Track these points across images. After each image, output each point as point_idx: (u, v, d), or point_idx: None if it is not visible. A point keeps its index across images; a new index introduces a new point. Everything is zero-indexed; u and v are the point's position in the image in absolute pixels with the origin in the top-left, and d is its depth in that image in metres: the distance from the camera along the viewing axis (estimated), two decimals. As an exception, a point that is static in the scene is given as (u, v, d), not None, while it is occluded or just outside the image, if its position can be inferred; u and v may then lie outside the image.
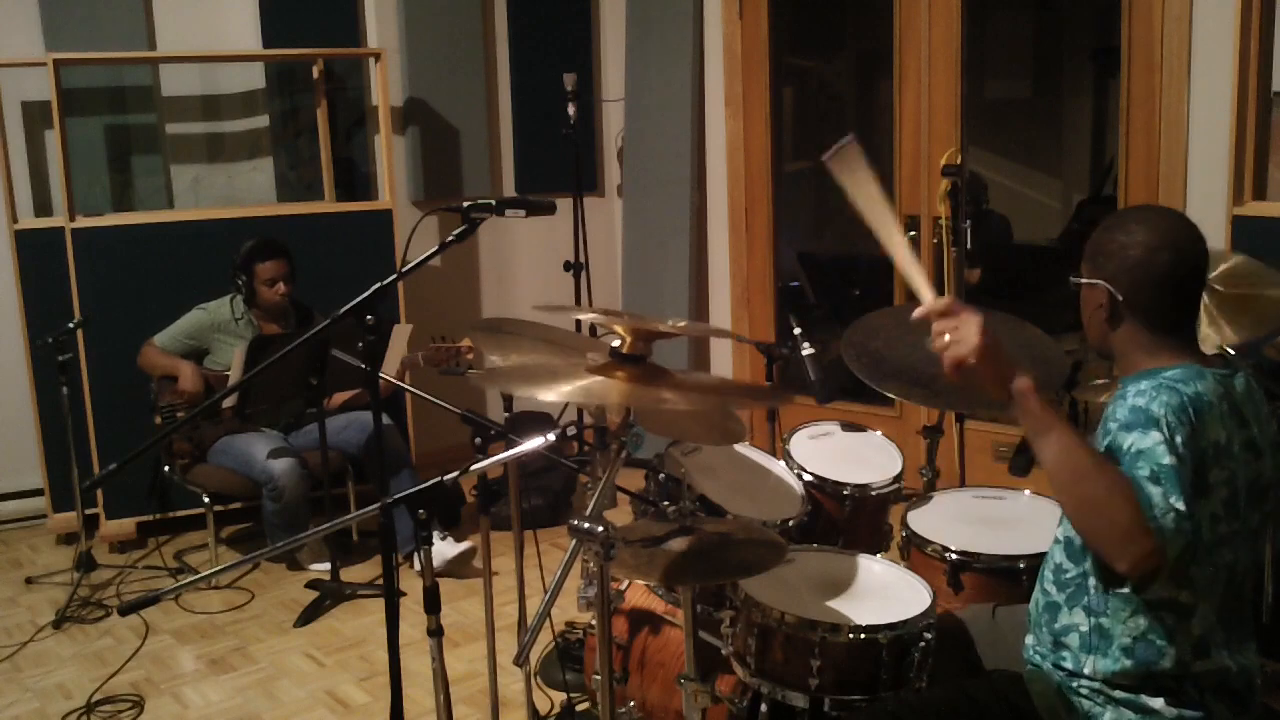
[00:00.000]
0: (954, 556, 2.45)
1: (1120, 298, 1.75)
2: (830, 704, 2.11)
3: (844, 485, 2.74)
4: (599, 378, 1.83)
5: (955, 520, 2.62)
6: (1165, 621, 1.71)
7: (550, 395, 1.75)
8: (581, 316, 3.53)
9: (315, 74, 4.84)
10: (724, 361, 5.42)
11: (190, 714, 3.17)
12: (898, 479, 2.82)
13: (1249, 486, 1.73)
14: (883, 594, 2.27)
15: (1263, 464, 1.75)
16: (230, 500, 4.26)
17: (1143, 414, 1.64)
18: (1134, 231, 1.77)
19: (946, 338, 1.66)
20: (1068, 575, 1.83)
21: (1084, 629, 1.78)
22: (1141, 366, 1.78)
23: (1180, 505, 1.57)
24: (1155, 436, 1.61)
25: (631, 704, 2.43)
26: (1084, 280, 1.80)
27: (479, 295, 5.44)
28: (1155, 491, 1.57)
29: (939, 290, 1.76)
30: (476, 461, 2.07)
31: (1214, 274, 2.94)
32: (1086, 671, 1.78)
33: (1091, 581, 1.78)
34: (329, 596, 3.85)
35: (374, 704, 3.18)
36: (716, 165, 5.23)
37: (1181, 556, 1.62)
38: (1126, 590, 1.73)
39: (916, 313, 1.71)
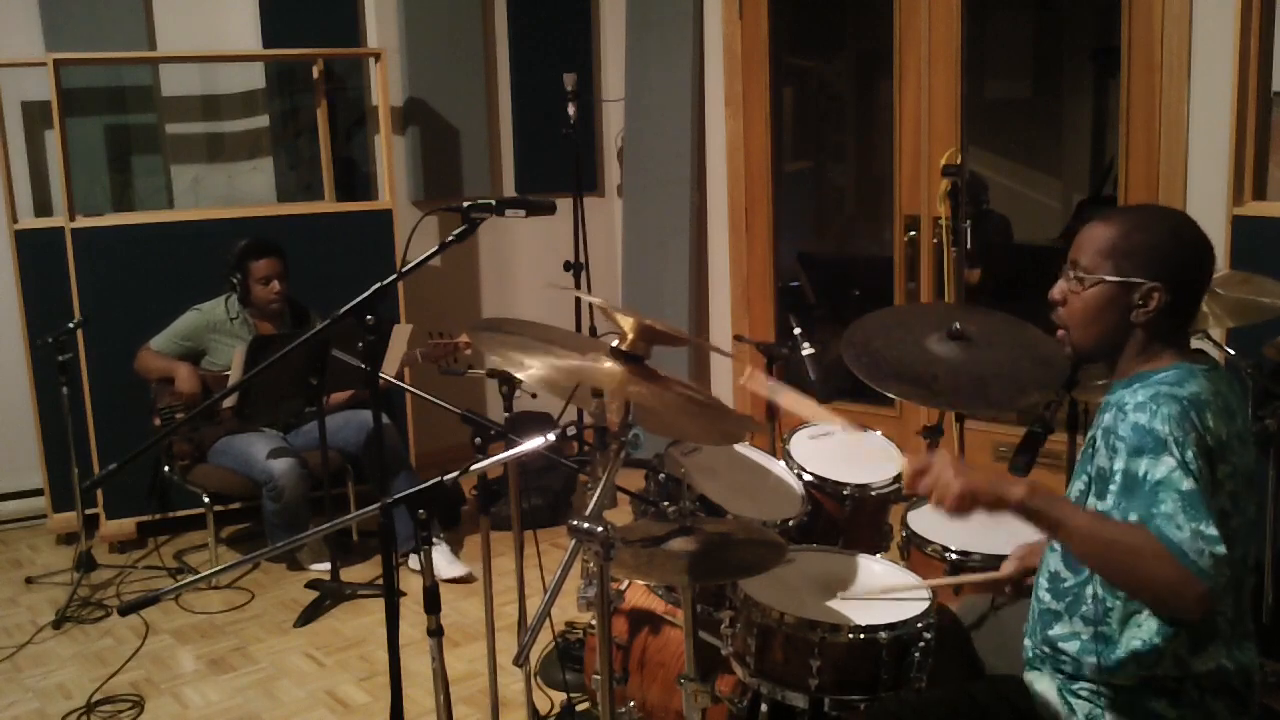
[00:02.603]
0: (954, 556, 2.45)
1: (1169, 299, 1.75)
2: (830, 704, 2.11)
3: (844, 485, 2.74)
4: (593, 367, 1.83)
5: (955, 520, 2.61)
6: (1163, 620, 1.71)
7: (541, 370, 1.76)
8: (586, 298, 3.48)
9: (315, 74, 4.84)
10: (725, 361, 5.41)
11: (190, 714, 3.17)
12: (898, 479, 2.82)
13: (1244, 478, 1.74)
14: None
15: (1249, 453, 1.76)
16: (230, 500, 4.26)
17: (1149, 436, 1.64)
18: (1175, 233, 1.77)
19: (933, 496, 1.70)
20: (1066, 584, 1.83)
21: (1084, 636, 1.78)
22: (1137, 369, 1.78)
23: (1211, 531, 1.56)
24: (1168, 461, 1.61)
25: (631, 704, 2.43)
26: (1121, 279, 1.76)
27: (479, 295, 5.44)
28: (1184, 538, 1.56)
29: (939, 293, 1.78)
30: (476, 461, 2.07)
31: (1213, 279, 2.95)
32: (1087, 675, 1.78)
33: (1092, 590, 1.78)
34: (329, 596, 3.85)
35: (374, 704, 3.18)
36: (716, 165, 5.23)
37: None
38: (1124, 599, 1.73)
39: (905, 489, 1.80)
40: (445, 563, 3.96)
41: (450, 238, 2.21)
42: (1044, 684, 1.84)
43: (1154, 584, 1.57)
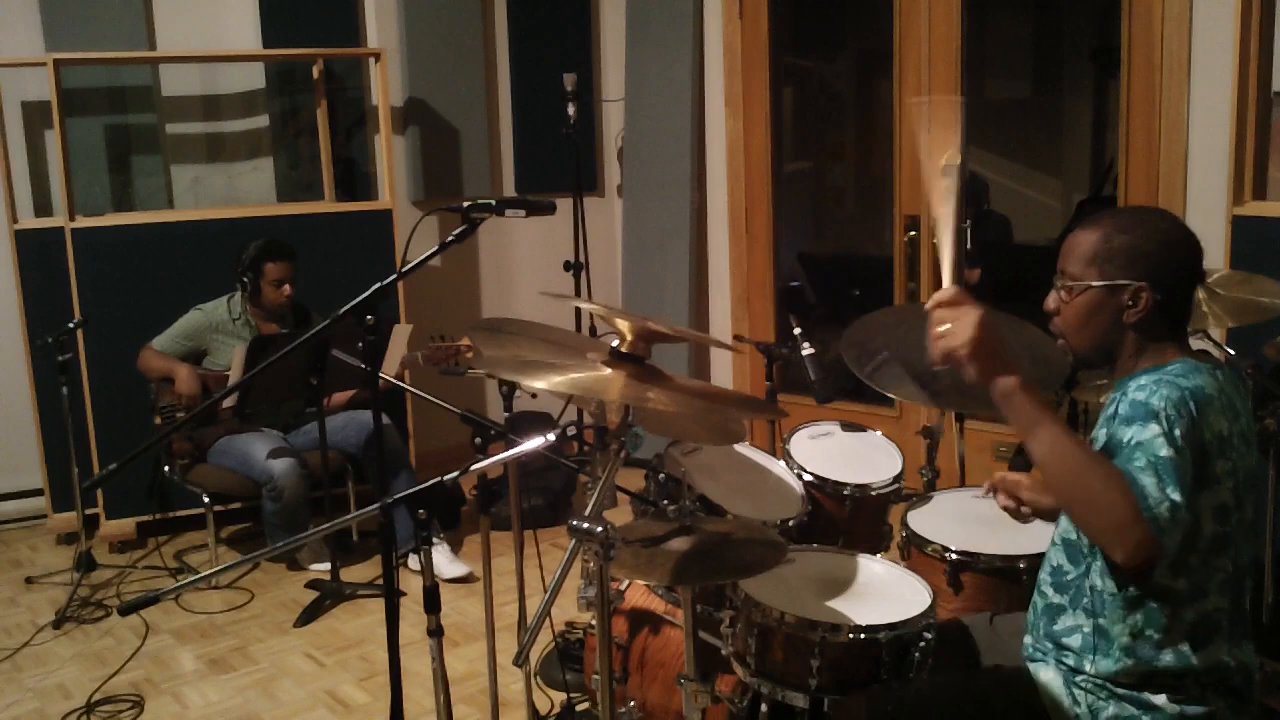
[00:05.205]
0: (954, 556, 2.45)
1: (1158, 298, 1.75)
2: (830, 704, 2.11)
3: (844, 485, 2.74)
4: (594, 372, 1.83)
5: (955, 520, 2.62)
6: (1162, 614, 1.72)
7: (544, 385, 1.76)
8: (584, 306, 3.47)
9: (315, 74, 4.84)
10: (724, 361, 5.42)
11: (190, 714, 3.17)
12: (898, 479, 2.82)
13: (1246, 477, 1.74)
14: (883, 594, 2.27)
15: (1252, 454, 1.77)
16: (230, 500, 4.26)
17: (1142, 407, 1.66)
18: (1157, 233, 1.77)
19: (944, 326, 1.70)
20: (1068, 577, 1.83)
21: (1085, 630, 1.79)
22: (1140, 367, 1.78)
23: (1176, 496, 1.58)
24: (1154, 429, 1.62)
25: (631, 704, 2.43)
26: (1107, 283, 1.77)
27: (479, 295, 5.44)
28: (1149, 483, 1.59)
29: (939, 286, 1.78)
30: (476, 461, 2.07)
31: (1211, 279, 2.96)
32: (1089, 670, 1.78)
33: (1091, 582, 1.78)
34: (329, 596, 3.85)
35: (374, 704, 3.18)
36: (716, 165, 5.23)
37: (1182, 545, 1.65)
38: (1123, 591, 1.73)
39: (929, 302, 1.75)
40: (446, 562, 3.97)
41: (450, 238, 2.21)
42: (1048, 674, 1.84)
43: (1104, 514, 1.59)
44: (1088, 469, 1.62)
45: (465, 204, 2.22)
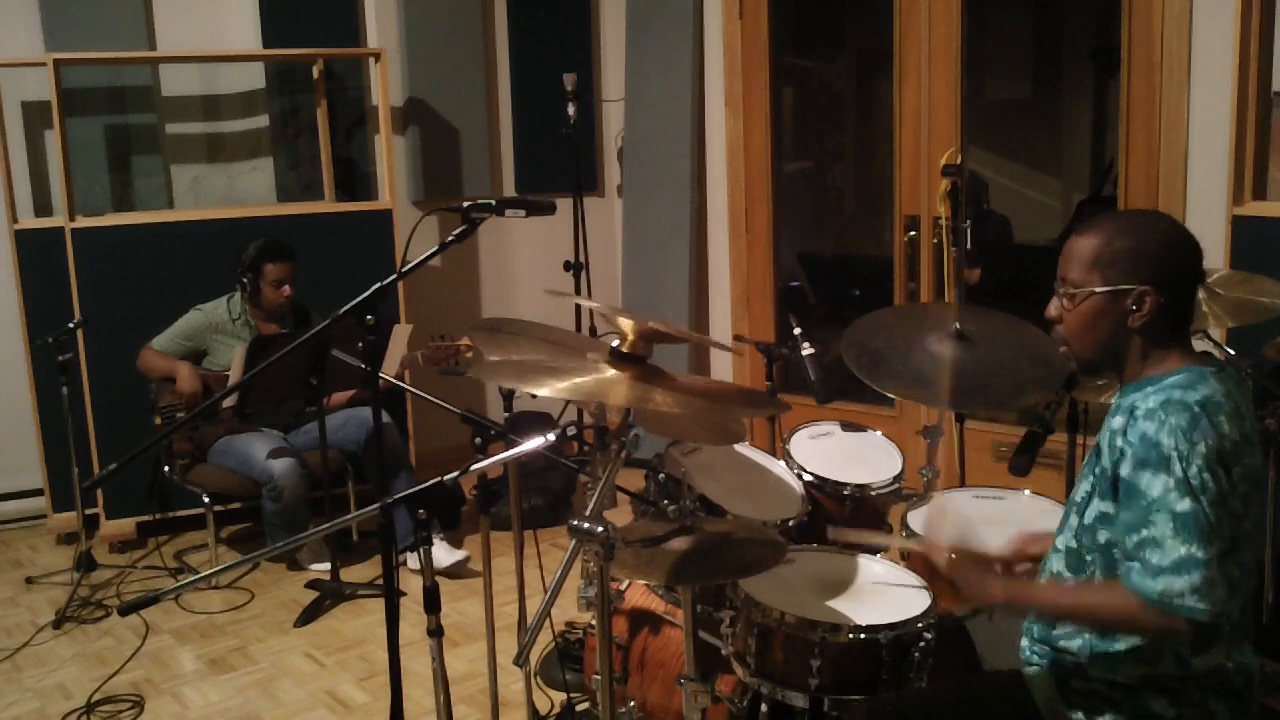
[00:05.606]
0: (954, 557, 2.44)
1: (1163, 300, 1.75)
2: (830, 704, 2.11)
3: (844, 485, 2.74)
4: (596, 375, 1.83)
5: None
6: None
7: (545, 390, 1.76)
8: (585, 304, 3.45)
9: (315, 74, 4.84)
10: (724, 361, 5.42)
11: (190, 714, 3.17)
12: (898, 479, 2.82)
13: (1253, 481, 1.74)
14: (883, 594, 2.27)
15: (1257, 455, 1.76)
16: (230, 500, 4.26)
17: (1154, 449, 1.64)
18: (1158, 234, 1.77)
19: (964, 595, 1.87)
20: (1068, 585, 1.83)
21: (1087, 633, 1.78)
22: (1145, 373, 1.77)
23: (1198, 553, 1.59)
24: (1165, 480, 1.62)
25: (631, 704, 2.43)
26: (1110, 288, 1.76)
27: (479, 295, 5.44)
28: (1159, 588, 1.60)
29: (939, 293, 1.79)
30: (476, 461, 2.07)
31: (1211, 279, 2.95)
32: (1087, 674, 1.78)
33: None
34: (329, 596, 3.85)
35: (374, 704, 3.18)
36: (716, 165, 5.23)
37: None
38: None
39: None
40: (443, 552, 3.96)
41: (450, 238, 2.21)
42: (1043, 679, 1.84)
43: (1144, 633, 1.68)
44: (1103, 611, 1.70)
45: (465, 204, 2.22)
